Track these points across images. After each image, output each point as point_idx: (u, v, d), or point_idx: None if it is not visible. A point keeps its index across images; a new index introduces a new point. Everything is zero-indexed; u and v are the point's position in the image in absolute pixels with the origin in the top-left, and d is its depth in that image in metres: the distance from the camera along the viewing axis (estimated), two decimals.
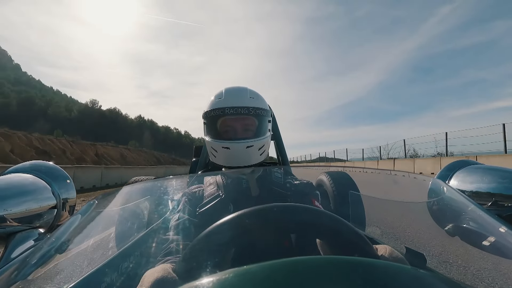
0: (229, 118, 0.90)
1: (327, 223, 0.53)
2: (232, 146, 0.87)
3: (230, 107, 0.88)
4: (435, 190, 0.74)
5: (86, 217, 0.70)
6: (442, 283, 0.34)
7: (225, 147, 0.88)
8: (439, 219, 0.71)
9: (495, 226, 0.59)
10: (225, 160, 0.91)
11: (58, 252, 0.60)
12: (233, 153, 0.88)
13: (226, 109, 0.88)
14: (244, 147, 0.88)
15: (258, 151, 0.92)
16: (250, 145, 0.89)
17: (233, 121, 0.90)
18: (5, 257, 0.72)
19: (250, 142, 0.89)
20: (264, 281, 0.30)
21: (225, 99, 0.90)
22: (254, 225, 0.50)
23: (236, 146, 0.88)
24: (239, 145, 0.88)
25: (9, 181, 0.93)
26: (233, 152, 0.88)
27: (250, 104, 0.90)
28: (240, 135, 0.90)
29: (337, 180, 1.61)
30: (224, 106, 0.88)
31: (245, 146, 0.88)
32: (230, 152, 0.88)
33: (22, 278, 0.57)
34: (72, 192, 1.09)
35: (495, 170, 0.99)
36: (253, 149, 0.90)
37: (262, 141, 0.92)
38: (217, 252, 0.48)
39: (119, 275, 0.69)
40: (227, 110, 0.88)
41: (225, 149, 0.88)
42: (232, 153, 0.88)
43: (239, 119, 0.90)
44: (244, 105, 0.89)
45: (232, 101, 0.89)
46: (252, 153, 0.90)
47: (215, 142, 0.90)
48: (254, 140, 0.90)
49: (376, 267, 0.34)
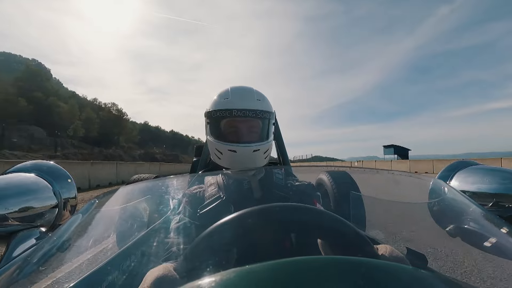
0: (236, 120, 0.88)
1: (328, 223, 0.53)
2: (239, 150, 0.86)
3: (238, 109, 0.86)
4: (436, 190, 0.74)
5: (87, 216, 0.70)
6: (443, 283, 0.34)
7: (232, 150, 0.86)
8: (440, 219, 0.71)
9: (496, 227, 0.59)
10: (230, 163, 0.89)
11: (59, 251, 0.60)
12: (239, 157, 0.87)
13: (234, 111, 0.86)
14: (251, 151, 0.87)
15: (263, 155, 0.91)
16: (257, 149, 0.87)
17: (239, 123, 0.88)
18: (6, 256, 0.72)
19: (257, 146, 0.87)
20: (265, 281, 0.30)
21: (232, 100, 0.88)
22: (255, 225, 0.50)
23: (243, 149, 0.86)
24: (246, 149, 0.86)
25: (11, 181, 0.93)
26: (240, 155, 0.86)
27: (257, 107, 0.88)
28: (247, 138, 0.88)
29: (338, 179, 1.60)
30: (232, 107, 0.86)
31: (251, 150, 0.87)
32: (236, 156, 0.86)
33: (23, 277, 0.57)
34: (73, 192, 1.09)
35: (496, 170, 0.99)
36: (259, 153, 0.89)
37: (267, 144, 0.91)
38: (219, 252, 0.48)
39: (120, 274, 0.69)
40: (234, 112, 0.86)
41: (231, 152, 0.86)
42: (238, 156, 0.86)
43: (246, 122, 0.88)
44: (252, 107, 0.87)
45: (239, 102, 0.87)
46: (258, 157, 0.89)
47: (221, 144, 0.88)
48: (261, 144, 0.89)
49: (377, 267, 0.34)
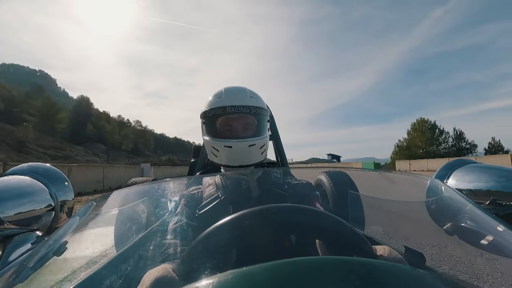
0: (230, 117, 0.89)
1: (327, 224, 0.53)
2: (234, 145, 0.87)
3: (231, 106, 0.87)
4: (433, 189, 0.75)
5: (84, 219, 0.70)
6: (442, 282, 0.34)
7: (227, 146, 0.87)
8: (438, 218, 0.71)
9: (493, 225, 0.59)
10: (227, 159, 0.90)
11: (56, 254, 0.60)
12: (236, 152, 0.88)
13: (228, 108, 0.87)
14: (246, 145, 0.88)
15: (259, 150, 0.92)
16: (252, 143, 0.88)
17: (234, 120, 0.90)
18: (2, 260, 0.71)
19: (252, 140, 0.88)
20: (263, 282, 0.30)
21: (225, 98, 0.90)
22: (253, 226, 0.50)
23: (238, 144, 0.87)
24: (241, 144, 0.87)
25: (7, 183, 0.92)
26: (236, 150, 0.87)
27: (250, 103, 0.89)
28: (242, 133, 0.90)
29: (336, 180, 1.61)
30: (225, 105, 0.88)
31: (247, 145, 0.88)
32: (232, 151, 0.88)
33: (20, 281, 0.56)
34: (70, 194, 1.08)
35: (492, 169, 1.00)
36: (255, 148, 0.90)
37: (262, 140, 0.92)
38: (217, 253, 0.47)
39: (118, 277, 0.69)
40: (228, 109, 0.87)
41: (227, 148, 0.87)
42: (234, 151, 0.88)
43: (240, 118, 0.90)
44: (245, 104, 0.88)
45: (232, 100, 0.89)
46: (254, 151, 0.90)
47: (216, 141, 0.89)
48: (256, 139, 0.90)
49: (375, 267, 0.34)
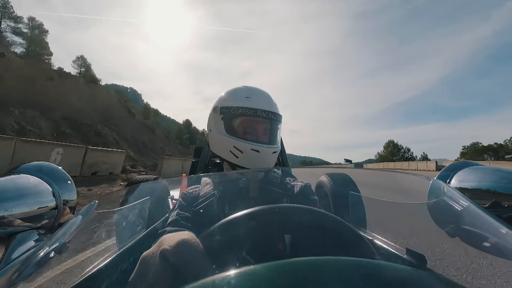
0: (258, 120, 0.88)
1: (327, 224, 0.53)
2: (262, 150, 0.86)
3: (262, 110, 0.86)
4: (435, 190, 0.74)
5: (86, 218, 0.70)
6: (442, 284, 0.34)
7: (255, 149, 0.85)
8: (439, 220, 0.71)
9: (496, 227, 0.59)
10: (249, 162, 0.88)
11: (59, 253, 0.60)
12: (262, 157, 0.86)
13: (258, 111, 0.86)
14: (271, 152, 0.88)
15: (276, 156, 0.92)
16: (275, 151, 0.89)
17: (262, 124, 0.89)
18: (5, 258, 0.72)
19: (275, 148, 0.89)
20: (264, 282, 0.30)
21: (254, 100, 0.88)
22: (253, 227, 0.50)
23: (265, 150, 0.86)
24: (268, 150, 0.87)
25: (10, 182, 0.93)
26: (262, 155, 0.86)
27: (275, 110, 0.89)
28: (268, 139, 0.89)
29: (338, 181, 1.60)
30: (255, 107, 0.86)
31: (272, 151, 0.88)
32: (259, 156, 0.86)
33: (22, 279, 0.57)
34: (73, 193, 1.09)
35: (495, 170, 0.99)
36: (276, 155, 0.90)
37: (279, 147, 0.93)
38: (216, 254, 0.48)
39: (119, 275, 0.69)
40: (259, 112, 0.86)
41: (254, 152, 0.85)
42: (260, 156, 0.86)
43: (267, 123, 0.89)
44: (272, 110, 0.88)
45: (261, 103, 0.88)
46: (274, 158, 0.90)
47: (242, 142, 0.87)
48: (277, 146, 0.90)
49: (376, 267, 0.34)
